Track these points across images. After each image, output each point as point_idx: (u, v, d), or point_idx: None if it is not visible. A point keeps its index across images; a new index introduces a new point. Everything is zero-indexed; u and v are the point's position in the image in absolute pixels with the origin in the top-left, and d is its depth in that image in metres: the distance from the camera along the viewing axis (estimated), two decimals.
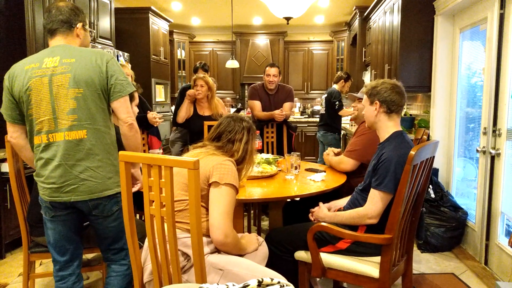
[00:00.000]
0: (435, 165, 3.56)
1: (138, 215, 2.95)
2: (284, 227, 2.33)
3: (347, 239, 1.89)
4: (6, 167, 2.98)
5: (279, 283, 0.83)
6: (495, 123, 2.84)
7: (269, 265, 1.79)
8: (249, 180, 2.39)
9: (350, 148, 2.53)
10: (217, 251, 1.65)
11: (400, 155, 1.80)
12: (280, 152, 3.88)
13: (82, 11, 1.87)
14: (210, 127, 3.31)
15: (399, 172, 1.76)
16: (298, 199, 2.54)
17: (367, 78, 6.04)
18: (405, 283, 2.07)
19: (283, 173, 2.64)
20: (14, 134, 1.83)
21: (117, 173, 1.80)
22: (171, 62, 7.11)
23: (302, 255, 1.99)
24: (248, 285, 0.81)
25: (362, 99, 2.44)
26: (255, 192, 2.20)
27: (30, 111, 1.73)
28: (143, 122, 3.28)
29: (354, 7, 6.01)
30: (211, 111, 3.73)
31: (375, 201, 1.82)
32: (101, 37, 4.45)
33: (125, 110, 1.78)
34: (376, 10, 5.13)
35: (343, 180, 2.42)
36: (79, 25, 1.84)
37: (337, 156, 2.73)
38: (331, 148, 2.86)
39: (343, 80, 5.06)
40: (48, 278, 2.68)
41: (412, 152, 1.67)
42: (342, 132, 5.47)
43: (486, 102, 2.92)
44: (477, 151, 3.01)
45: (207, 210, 1.63)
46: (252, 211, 3.73)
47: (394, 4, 4.12)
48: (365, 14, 5.77)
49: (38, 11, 3.39)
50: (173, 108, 5.23)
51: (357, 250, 1.91)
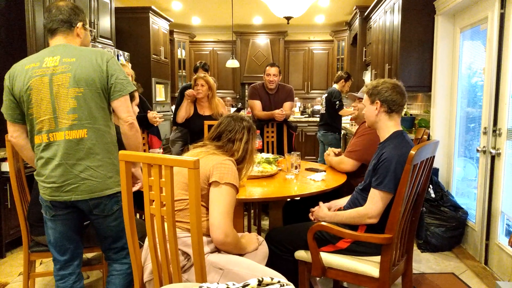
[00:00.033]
0: (435, 164, 3.56)
1: (138, 215, 2.95)
2: (284, 226, 2.33)
3: (347, 238, 1.89)
4: (6, 167, 2.98)
5: (279, 282, 0.83)
6: (495, 123, 2.84)
7: (269, 264, 1.80)
8: (249, 180, 2.39)
9: (351, 148, 2.54)
10: (217, 250, 1.65)
11: (400, 155, 1.80)
12: (280, 152, 3.88)
13: (82, 11, 1.87)
14: (210, 126, 3.31)
15: (399, 171, 1.76)
16: (298, 198, 2.54)
17: (368, 77, 6.04)
18: (405, 282, 2.07)
19: (283, 172, 2.64)
20: (15, 134, 1.83)
21: (117, 172, 1.80)
22: (171, 61, 7.11)
23: (302, 254, 1.99)
24: (248, 284, 0.81)
25: (362, 98, 2.45)
26: (255, 191, 2.20)
27: (30, 111, 1.73)
28: (143, 122, 3.28)
29: (355, 7, 6.01)
30: (212, 111, 3.72)
31: (375, 200, 1.82)
32: (101, 36, 4.45)
33: (125, 110, 1.78)
34: (377, 10, 5.13)
35: (343, 180, 2.42)
36: (79, 24, 1.84)
37: (337, 156, 2.73)
38: (331, 148, 2.86)
39: (343, 79, 5.05)
40: (48, 278, 2.69)
41: (412, 152, 1.67)
42: (343, 131, 5.47)
43: (487, 101, 2.92)
44: (477, 150, 3.01)
45: (207, 209, 1.63)
46: (252, 211, 3.73)
47: (394, 3, 4.12)
48: (365, 14, 5.77)
49: (38, 11, 3.39)
50: (173, 107, 5.23)
51: (357, 249, 1.91)
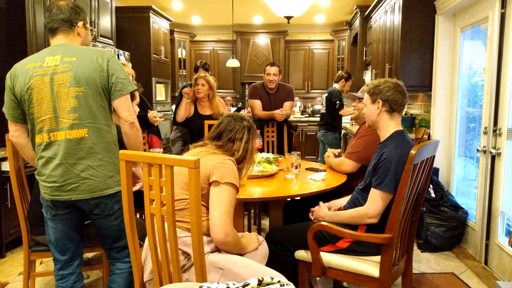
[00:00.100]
0: (435, 164, 3.56)
1: (138, 214, 2.95)
2: (284, 226, 2.33)
3: (347, 238, 1.89)
4: (6, 166, 2.98)
5: (279, 282, 0.83)
6: (495, 123, 2.84)
7: (269, 264, 1.80)
8: (249, 179, 2.39)
9: (351, 150, 2.54)
10: (217, 250, 1.65)
11: (400, 155, 1.80)
12: (280, 151, 3.88)
13: (83, 10, 1.87)
14: (210, 126, 3.31)
15: (399, 171, 1.76)
16: (299, 198, 2.54)
17: (368, 77, 6.04)
18: (405, 282, 2.07)
19: (283, 172, 2.64)
20: (16, 133, 1.84)
21: (118, 171, 1.80)
22: (171, 61, 7.11)
23: (302, 254, 1.99)
24: (249, 284, 0.81)
25: (362, 98, 2.44)
26: (256, 191, 2.20)
27: (31, 110, 1.73)
28: (143, 121, 3.28)
29: (355, 6, 6.00)
30: (212, 110, 3.72)
31: (376, 200, 1.82)
32: (101, 36, 4.45)
33: (126, 109, 1.78)
34: (377, 10, 5.12)
35: (343, 180, 2.42)
36: (80, 23, 1.84)
37: (337, 157, 2.73)
38: (331, 149, 2.86)
39: (343, 79, 5.05)
40: (49, 277, 2.69)
41: (413, 152, 1.67)
42: (343, 131, 5.47)
43: (487, 101, 2.91)
44: (477, 150, 3.00)
45: (208, 209, 1.63)
46: (252, 210, 3.73)
47: (395, 3, 4.12)
48: (366, 14, 5.77)
49: (38, 10, 3.39)
50: (173, 107, 5.23)
51: (357, 249, 1.91)
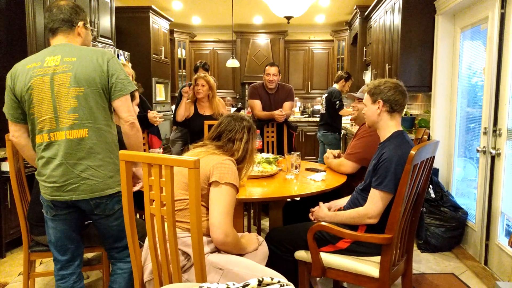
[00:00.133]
0: (435, 165, 3.56)
1: (138, 214, 2.95)
2: (284, 226, 2.33)
3: (347, 238, 1.89)
4: (6, 166, 2.98)
5: (279, 282, 0.83)
6: (495, 123, 2.84)
7: (269, 264, 1.80)
8: (249, 180, 2.39)
9: (350, 151, 2.54)
10: (217, 250, 1.65)
11: (400, 155, 1.80)
12: (280, 152, 3.88)
13: (83, 10, 1.87)
14: (210, 126, 3.31)
15: (399, 172, 1.76)
16: (298, 198, 2.54)
17: (368, 77, 6.04)
18: (405, 283, 2.07)
19: (283, 172, 2.64)
20: (16, 133, 1.84)
21: (118, 172, 1.79)
22: (171, 61, 7.11)
23: (302, 254, 1.99)
24: (248, 284, 0.81)
25: (361, 99, 2.44)
26: (255, 191, 2.20)
27: (31, 110, 1.73)
28: (143, 121, 3.28)
29: (355, 7, 6.00)
30: (212, 111, 3.72)
31: (375, 200, 1.82)
32: (101, 36, 4.45)
33: (126, 109, 1.78)
34: (377, 10, 5.12)
35: (343, 180, 2.42)
36: (80, 23, 1.84)
37: (336, 158, 2.73)
38: (330, 150, 2.86)
39: (343, 79, 5.05)
40: (48, 278, 2.69)
41: (413, 152, 1.67)
42: (343, 131, 5.47)
43: (487, 102, 2.92)
44: (477, 151, 3.00)
45: (207, 209, 1.63)
46: (252, 211, 3.73)
47: (394, 3, 4.12)
48: (365, 14, 5.77)
49: (38, 10, 3.39)
50: (173, 107, 5.23)
51: (357, 249, 1.91)
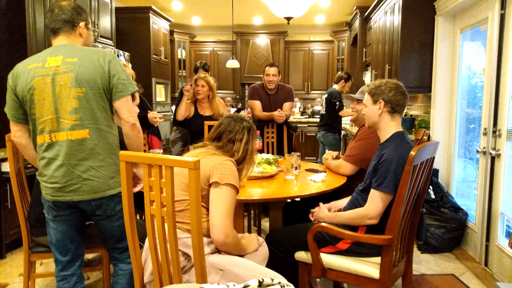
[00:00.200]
0: (435, 165, 3.56)
1: (138, 215, 2.95)
2: (284, 227, 2.33)
3: (347, 239, 1.90)
4: (6, 167, 2.98)
5: (279, 283, 0.83)
6: (495, 124, 2.84)
7: (269, 265, 1.79)
8: (249, 180, 2.39)
9: (349, 152, 2.54)
10: (217, 251, 1.65)
11: (400, 156, 1.80)
12: (280, 152, 3.88)
13: (84, 10, 1.87)
14: (210, 127, 3.31)
15: (399, 172, 1.76)
16: (298, 199, 2.54)
17: (368, 78, 6.04)
18: (405, 284, 2.07)
19: (283, 173, 2.64)
20: (17, 133, 1.84)
21: (119, 172, 1.79)
22: (171, 61, 7.11)
23: (302, 255, 1.99)
24: (249, 285, 0.81)
25: (360, 100, 2.45)
26: (255, 192, 2.20)
27: (33, 110, 1.73)
28: (143, 122, 3.26)
29: (355, 7, 6.01)
30: (212, 111, 3.72)
31: (375, 201, 1.82)
32: (101, 36, 4.45)
33: (127, 110, 1.78)
34: (377, 10, 5.13)
35: (343, 181, 2.42)
36: (82, 24, 1.84)
37: (335, 159, 2.73)
38: (329, 152, 2.86)
39: (343, 80, 5.06)
40: (49, 278, 2.69)
41: (413, 153, 1.67)
42: (343, 132, 5.47)
43: (487, 102, 2.92)
44: (477, 151, 3.01)
45: (208, 210, 1.63)
46: (252, 211, 3.73)
47: (394, 4, 4.12)
48: (365, 14, 5.77)
49: (38, 11, 3.39)
50: (173, 108, 5.22)
51: (357, 250, 1.91)
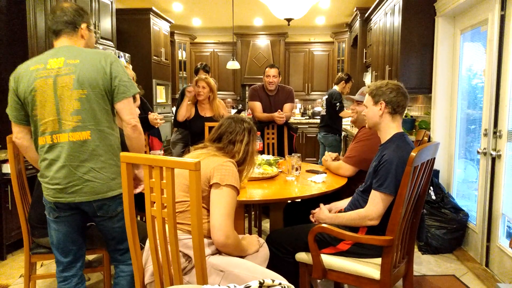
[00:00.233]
0: (435, 166, 3.55)
1: (139, 216, 2.96)
2: (285, 228, 2.33)
3: (348, 240, 1.90)
4: (7, 168, 2.99)
5: (280, 284, 0.83)
6: (496, 125, 2.84)
7: (270, 266, 1.80)
8: (250, 182, 2.39)
9: (348, 154, 2.54)
10: (218, 252, 1.65)
11: (401, 157, 1.80)
12: (281, 153, 3.88)
13: (86, 12, 1.87)
14: (211, 128, 3.31)
15: (400, 173, 1.76)
16: (299, 200, 2.54)
17: (368, 79, 6.04)
18: (406, 284, 2.07)
19: (284, 174, 2.64)
20: (19, 135, 1.84)
21: (120, 174, 1.80)
22: (172, 63, 7.11)
23: (303, 256, 1.99)
24: (250, 286, 0.81)
25: (360, 101, 2.45)
26: (256, 193, 2.21)
27: (34, 112, 1.74)
28: (144, 123, 3.26)
29: (355, 8, 6.01)
30: (213, 112, 3.73)
31: (376, 202, 1.82)
32: (102, 38, 4.46)
33: (128, 112, 1.78)
34: (377, 11, 5.13)
35: (344, 182, 2.42)
36: (84, 25, 1.84)
37: (334, 160, 2.73)
38: (328, 153, 2.87)
39: (343, 81, 5.06)
40: (49, 280, 2.69)
41: (413, 154, 1.67)
42: (343, 133, 5.47)
43: (487, 103, 2.92)
44: (478, 152, 3.00)
45: (208, 211, 1.63)
46: (253, 213, 3.73)
47: (395, 5, 4.13)
48: (365, 15, 5.77)
49: (39, 12, 3.39)
50: (174, 109, 5.22)
51: (358, 251, 1.91)
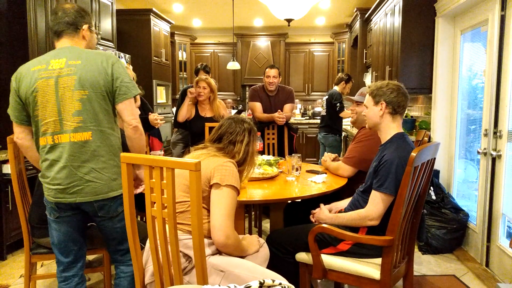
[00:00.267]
0: (436, 166, 3.56)
1: (139, 217, 2.96)
2: (285, 228, 2.33)
3: (348, 240, 1.90)
4: (8, 168, 2.99)
5: (280, 284, 0.83)
6: (496, 125, 2.84)
7: (270, 266, 1.80)
8: (250, 182, 2.39)
9: (348, 154, 2.54)
10: (218, 252, 1.66)
11: (401, 157, 1.80)
12: (281, 154, 3.88)
13: (88, 13, 1.88)
14: (211, 128, 3.32)
15: (400, 173, 1.76)
16: (299, 200, 2.54)
17: (368, 79, 6.04)
18: (406, 285, 2.07)
19: (284, 174, 2.64)
20: (21, 135, 1.85)
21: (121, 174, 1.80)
22: (172, 63, 7.11)
23: (303, 256, 1.99)
24: (250, 286, 0.81)
25: (359, 102, 2.45)
26: (256, 193, 2.21)
27: (36, 112, 1.74)
28: (144, 124, 3.26)
29: (355, 9, 6.02)
30: (213, 113, 3.73)
31: (376, 202, 1.83)
32: (102, 38, 4.46)
33: (129, 112, 1.79)
34: (377, 12, 5.13)
35: (344, 182, 2.42)
36: (85, 26, 1.85)
37: (334, 161, 2.73)
38: (327, 153, 2.87)
39: (344, 81, 5.07)
40: (50, 280, 2.69)
41: (413, 154, 1.67)
42: (343, 133, 5.47)
43: (487, 103, 2.92)
44: (478, 152, 3.01)
45: (209, 211, 1.63)
46: (253, 213, 3.73)
47: (395, 6, 4.13)
48: (366, 16, 5.78)
49: (40, 13, 3.40)
50: (174, 109, 5.23)
51: (358, 251, 1.91)
